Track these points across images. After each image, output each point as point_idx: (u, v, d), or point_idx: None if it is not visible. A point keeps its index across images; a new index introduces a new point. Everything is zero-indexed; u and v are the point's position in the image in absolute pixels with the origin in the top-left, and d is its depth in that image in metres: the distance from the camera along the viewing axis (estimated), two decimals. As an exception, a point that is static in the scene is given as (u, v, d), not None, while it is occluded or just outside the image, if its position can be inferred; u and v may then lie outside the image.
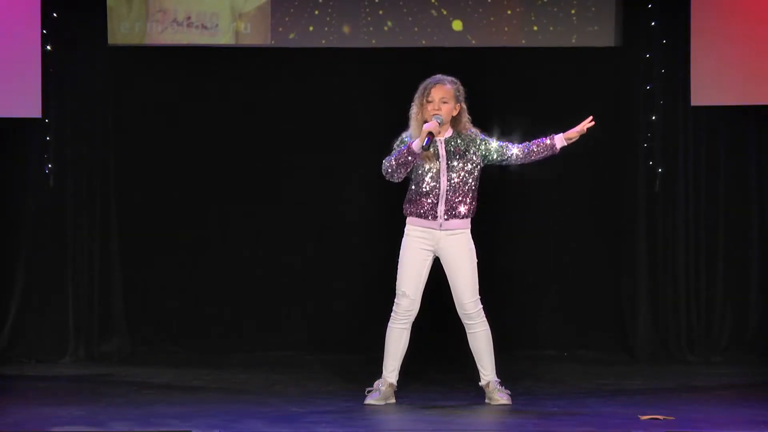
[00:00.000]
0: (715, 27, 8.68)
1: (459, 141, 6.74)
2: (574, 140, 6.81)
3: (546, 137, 6.81)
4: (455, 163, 6.70)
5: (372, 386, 6.81)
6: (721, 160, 9.11)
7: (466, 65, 8.75)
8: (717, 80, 8.71)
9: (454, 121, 6.77)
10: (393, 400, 6.80)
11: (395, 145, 6.80)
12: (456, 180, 6.70)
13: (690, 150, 9.10)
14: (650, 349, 9.06)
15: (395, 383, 6.81)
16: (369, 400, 6.75)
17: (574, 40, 9.06)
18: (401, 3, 9.06)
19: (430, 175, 6.69)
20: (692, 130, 9.08)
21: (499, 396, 6.78)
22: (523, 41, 9.07)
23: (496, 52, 9.09)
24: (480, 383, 6.85)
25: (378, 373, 6.84)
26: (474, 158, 6.73)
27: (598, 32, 9.05)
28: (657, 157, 9.05)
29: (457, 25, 8.99)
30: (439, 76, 6.78)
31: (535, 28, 9.04)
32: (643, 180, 9.09)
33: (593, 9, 9.05)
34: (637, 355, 9.06)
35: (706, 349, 9.05)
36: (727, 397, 7.30)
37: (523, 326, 9.19)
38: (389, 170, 6.67)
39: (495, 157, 6.78)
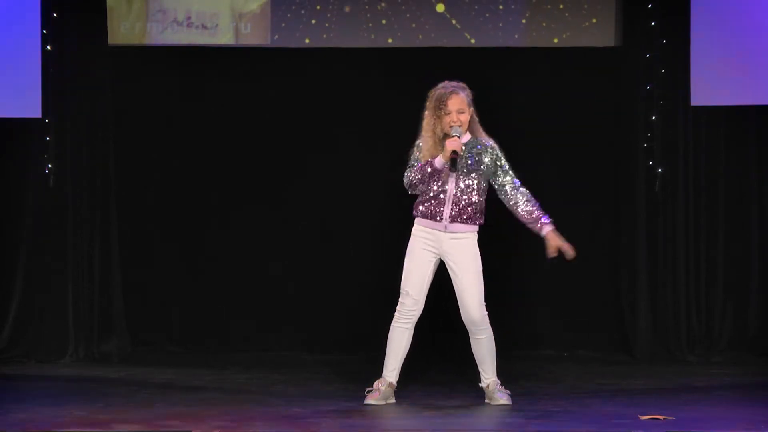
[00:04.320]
0: (715, 27, 8.68)
1: (475, 149, 6.72)
2: (550, 244, 6.74)
3: (544, 217, 6.74)
4: (467, 169, 6.68)
5: (372, 386, 6.81)
6: (721, 160, 9.11)
7: (466, 65, 8.77)
8: (717, 80, 8.70)
9: (468, 126, 6.75)
10: (393, 400, 6.80)
11: (412, 155, 6.75)
12: (464, 185, 6.68)
13: (690, 150, 9.09)
14: (650, 349, 9.06)
15: (395, 383, 6.81)
16: (369, 400, 6.76)
17: (573, 40, 9.06)
18: (402, 5, 9.06)
19: (439, 179, 6.67)
20: (692, 130, 9.08)
21: (499, 396, 6.78)
22: (524, 41, 9.07)
23: (496, 52, 9.08)
24: (480, 384, 6.85)
25: (378, 373, 6.84)
26: (484, 167, 6.72)
27: (598, 32, 9.05)
28: (657, 157, 9.05)
29: (440, 7, 8.98)
30: (450, 85, 6.72)
31: (535, 27, 9.04)
32: (643, 180, 9.09)
33: (593, 9, 9.05)
34: (637, 355, 9.06)
35: (706, 349, 9.05)
36: (727, 397, 7.30)
37: (523, 326, 9.19)
38: (412, 184, 6.67)
39: (494, 183, 6.76)
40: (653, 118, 9.02)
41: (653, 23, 8.96)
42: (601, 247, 9.34)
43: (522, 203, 6.77)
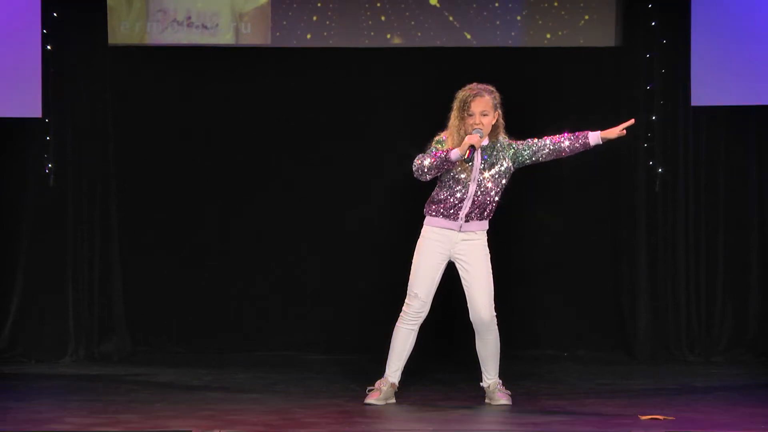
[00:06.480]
0: (715, 26, 8.68)
1: (493, 151, 6.71)
2: (609, 139, 6.73)
3: (579, 134, 6.73)
4: (486, 172, 6.67)
5: (373, 386, 6.80)
6: (721, 160, 9.12)
7: (467, 65, 8.78)
8: (717, 80, 8.71)
9: (491, 129, 6.74)
10: (393, 400, 6.79)
11: (430, 146, 6.70)
12: (484, 188, 6.66)
13: (690, 150, 9.10)
14: (650, 349, 9.06)
15: (397, 383, 6.81)
16: (369, 400, 6.75)
17: (574, 40, 9.06)
18: (402, 5, 9.07)
19: (460, 179, 6.64)
20: (692, 130, 9.08)
21: (500, 396, 6.78)
22: (524, 41, 9.07)
23: (497, 52, 9.08)
24: (481, 384, 6.85)
25: (379, 373, 6.83)
26: (505, 165, 6.71)
27: (598, 32, 9.06)
28: (657, 157, 9.05)
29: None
30: (476, 87, 6.68)
31: (535, 27, 9.04)
32: (643, 180, 9.09)
33: (593, 9, 9.05)
34: (637, 355, 9.06)
35: (706, 349, 9.05)
36: (727, 397, 7.30)
37: (523, 326, 9.18)
38: (421, 169, 6.59)
39: (526, 158, 6.74)
40: (653, 118, 9.03)
41: (653, 23, 8.96)
42: (601, 247, 9.34)
43: (563, 142, 6.73)
